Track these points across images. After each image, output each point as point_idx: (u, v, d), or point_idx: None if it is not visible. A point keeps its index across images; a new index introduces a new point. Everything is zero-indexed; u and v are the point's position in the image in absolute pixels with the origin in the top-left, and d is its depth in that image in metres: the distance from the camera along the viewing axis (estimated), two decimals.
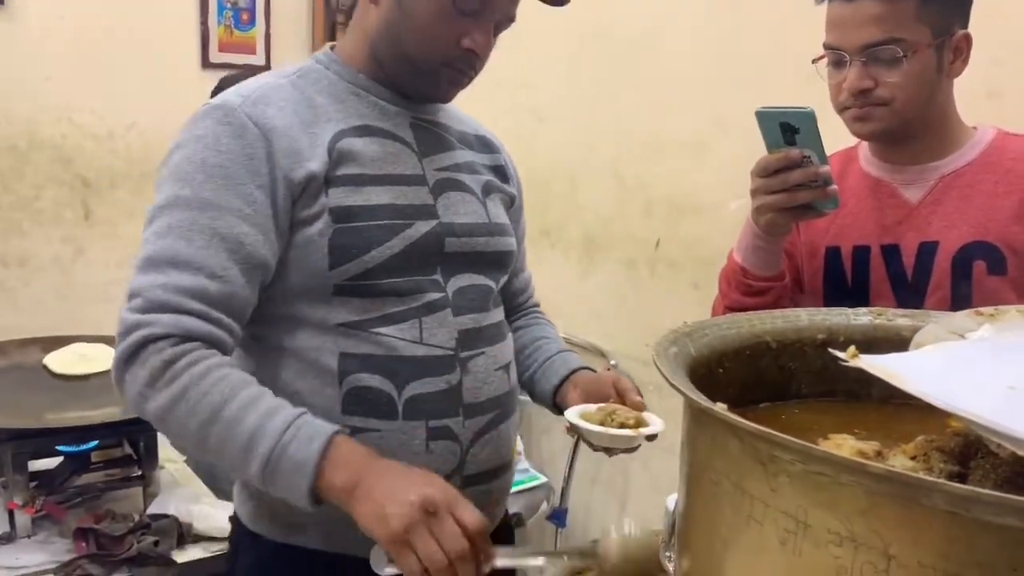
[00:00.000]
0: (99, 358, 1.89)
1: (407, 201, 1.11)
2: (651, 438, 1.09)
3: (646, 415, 1.11)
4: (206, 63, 3.38)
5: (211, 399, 0.96)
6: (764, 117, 1.15)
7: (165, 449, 1.96)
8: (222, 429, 0.96)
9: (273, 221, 1.04)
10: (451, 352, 1.11)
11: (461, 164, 1.21)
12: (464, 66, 1.11)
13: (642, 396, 1.16)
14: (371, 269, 1.07)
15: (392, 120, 1.15)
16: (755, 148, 1.22)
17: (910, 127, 1.26)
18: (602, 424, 1.07)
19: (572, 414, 1.11)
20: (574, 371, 1.27)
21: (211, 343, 1.00)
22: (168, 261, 1.00)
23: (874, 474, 0.46)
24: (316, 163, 1.05)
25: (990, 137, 1.30)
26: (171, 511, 1.66)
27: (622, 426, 1.07)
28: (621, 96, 2.60)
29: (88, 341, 1.96)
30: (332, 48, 1.19)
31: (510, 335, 1.26)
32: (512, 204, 1.31)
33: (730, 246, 1.39)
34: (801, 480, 0.51)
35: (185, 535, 1.62)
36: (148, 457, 1.73)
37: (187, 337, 0.98)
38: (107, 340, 1.95)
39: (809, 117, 1.12)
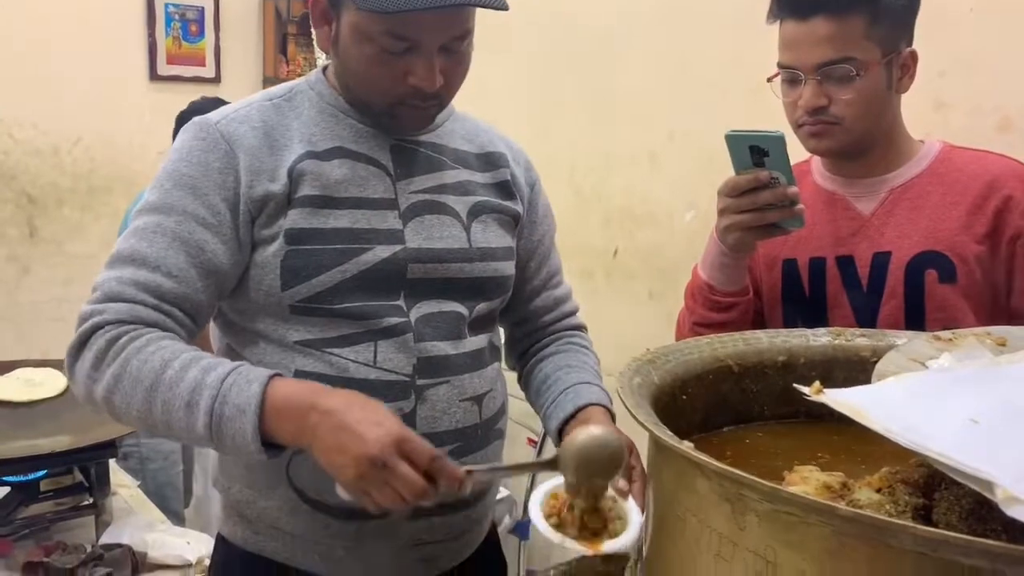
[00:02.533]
0: (46, 383, 1.83)
1: (368, 225, 1.09)
2: (610, 557, 0.94)
3: (626, 507, 0.96)
4: (154, 76, 3.32)
5: (152, 365, 0.96)
6: (734, 140, 1.15)
7: (117, 474, 1.91)
8: (165, 391, 0.95)
9: (234, 233, 1.06)
10: (406, 379, 1.09)
11: (448, 185, 1.17)
12: (418, 101, 1.08)
13: (633, 480, 0.99)
14: (322, 292, 1.07)
15: (369, 143, 1.13)
16: (707, 160, 1.23)
17: (862, 142, 1.29)
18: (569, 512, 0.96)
19: (538, 498, 0.98)
20: (581, 408, 1.15)
21: (161, 330, 1.01)
22: (128, 259, 1.03)
23: (843, 516, 0.46)
24: (277, 184, 1.07)
25: (936, 150, 1.33)
26: (125, 540, 1.61)
27: (583, 527, 0.94)
28: (577, 108, 2.61)
29: (34, 365, 1.90)
30: (324, 70, 1.19)
31: (494, 365, 1.21)
32: (517, 222, 1.25)
33: (685, 256, 1.39)
34: (769, 520, 0.51)
35: (139, 565, 1.58)
36: (100, 484, 1.68)
37: (136, 323, 1.00)
38: (54, 364, 1.90)
39: (779, 141, 1.12)
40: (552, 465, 0.95)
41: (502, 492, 2.53)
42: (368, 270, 1.08)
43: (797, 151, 1.35)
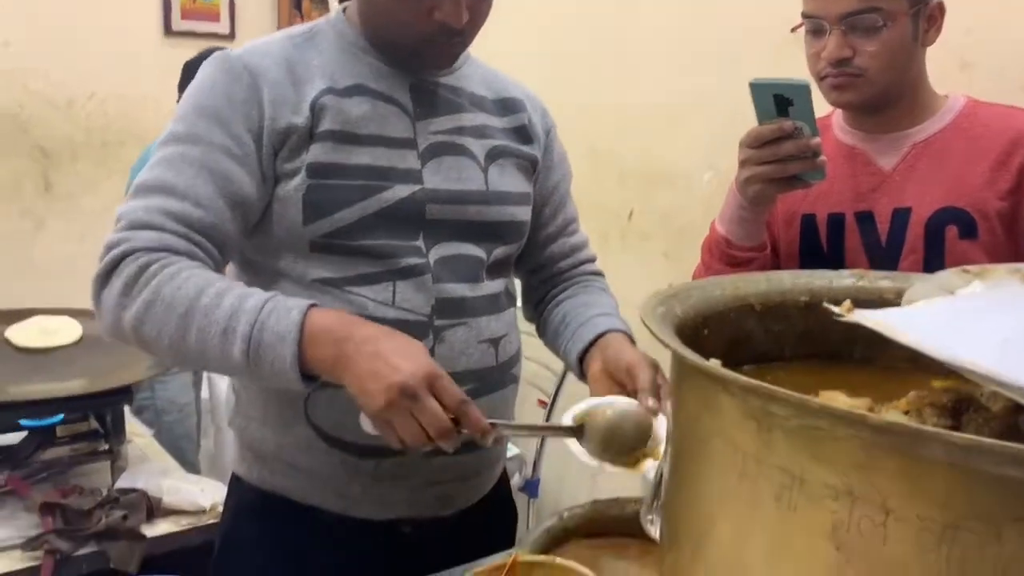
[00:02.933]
0: (62, 331, 1.84)
1: (388, 163, 1.09)
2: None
3: (657, 426, 0.99)
4: (168, 30, 3.31)
5: (186, 291, 0.96)
6: (758, 88, 1.14)
7: (132, 424, 1.93)
8: (200, 318, 0.95)
9: (259, 165, 1.06)
10: (424, 319, 1.10)
11: (466, 128, 1.17)
12: (443, 39, 1.08)
13: (660, 397, 1.02)
14: (343, 228, 1.07)
15: (388, 81, 1.13)
16: (728, 119, 1.22)
17: (886, 96, 1.27)
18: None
19: (567, 422, 1.01)
20: (601, 335, 1.17)
21: (190, 259, 1.01)
22: (155, 188, 1.02)
23: (873, 426, 0.46)
24: (299, 118, 1.06)
25: (961, 105, 1.32)
26: (140, 485, 1.63)
27: (619, 452, 0.98)
28: (595, 65, 2.58)
29: (50, 314, 1.91)
30: (344, 9, 1.19)
31: (511, 311, 1.23)
32: (534, 167, 1.25)
33: (703, 218, 1.39)
34: (796, 435, 0.50)
35: (154, 509, 1.60)
36: (115, 431, 1.69)
37: (166, 251, 0.99)
38: (70, 312, 1.91)
39: (804, 90, 1.11)
40: (577, 433, 0.98)
41: (512, 451, 2.54)
42: (387, 208, 1.08)
43: (819, 106, 1.34)
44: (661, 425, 0.96)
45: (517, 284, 1.34)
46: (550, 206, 1.30)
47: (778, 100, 1.13)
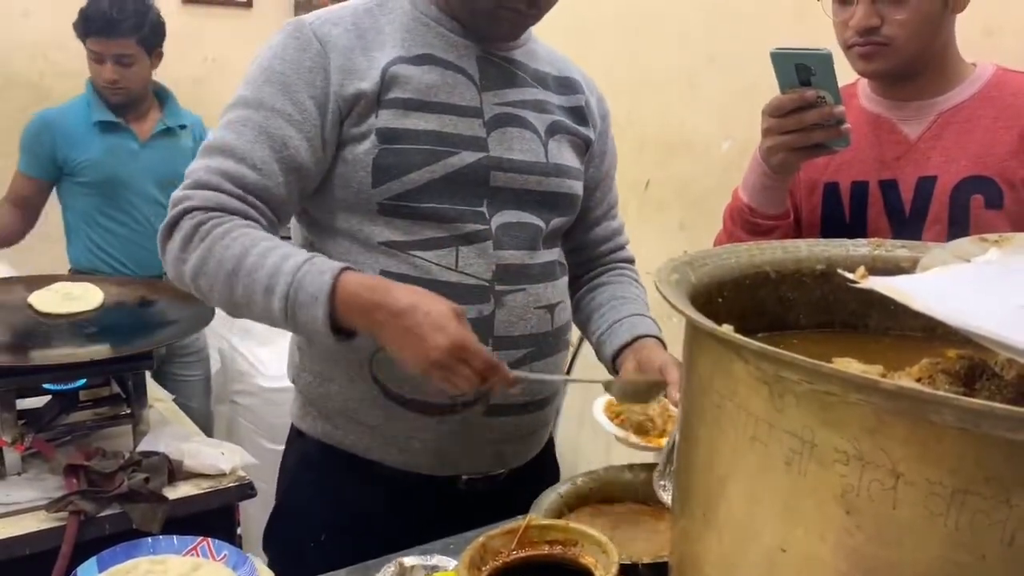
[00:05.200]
0: (84, 297, 1.86)
1: (455, 130, 1.13)
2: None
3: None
4: None
5: (233, 251, 1.03)
6: (779, 58, 1.13)
7: (153, 389, 1.95)
8: (245, 276, 1.03)
9: (320, 132, 1.11)
10: (486, 283, 1.14)
11: (528, 101, 1.21)
12: (520, 4, 1.12)
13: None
14: (411, 191, 1.11)
15: (457, 52, 1.17)
16: (748, 86, 1.21)
17: (914, 64, 1.26)
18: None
19: (599, 405, 1.17)
20: (637, 338, 1.24)
21: (244, 219, 1.08)
22: (218, 149, 1.09)
23: (885, 390, 0.46)
24: (368, 84, 1.10)
25: (989, 73, 1.30)
26: (161, 449, 1.65)
27: (639, 430, 1.16)
28: (611, 32, 2.56)
29: (72, 280, 1.93)
30: None
31: (564, 279, 1.27)
32: (588, 148, 1.30)
33: (720, 187, 1.38)
34: (808, 400, 0.51)
35: (176, 472, 1.62)
36: (137, 396, 1.71)
37: (220, 210, 1.06)
38: (92, 279, 1.93)
39: (826, 59, 1.11)
40: (607, 387, 1.10)
41: None
42: (454, 173, 1.12)
43: (845, 74, 1.32)
44: None
45: None
46: (601, 189, 1.36)
47: (800, 69, 1.12)
